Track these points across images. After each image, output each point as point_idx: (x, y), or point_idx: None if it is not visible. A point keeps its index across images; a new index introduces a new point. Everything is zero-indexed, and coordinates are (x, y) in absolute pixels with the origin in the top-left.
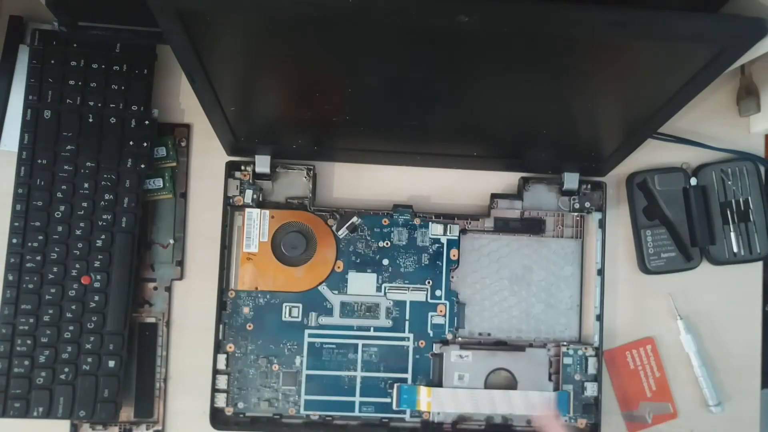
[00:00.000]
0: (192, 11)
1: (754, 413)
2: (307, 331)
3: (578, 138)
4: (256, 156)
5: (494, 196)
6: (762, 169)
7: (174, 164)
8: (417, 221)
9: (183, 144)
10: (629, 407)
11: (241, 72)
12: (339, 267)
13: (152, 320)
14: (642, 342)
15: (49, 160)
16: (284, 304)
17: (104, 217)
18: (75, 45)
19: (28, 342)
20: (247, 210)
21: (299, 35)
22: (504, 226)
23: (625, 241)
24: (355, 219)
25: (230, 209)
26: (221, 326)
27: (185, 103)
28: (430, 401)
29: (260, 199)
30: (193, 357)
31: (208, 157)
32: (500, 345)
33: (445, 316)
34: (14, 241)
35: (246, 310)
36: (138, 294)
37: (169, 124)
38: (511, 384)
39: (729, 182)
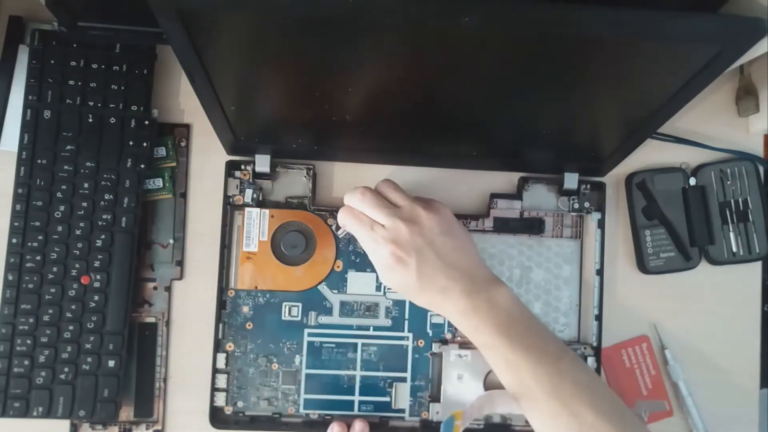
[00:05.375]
0: (192, 11)
1: (753, 413)
2: (306, 331)
3: (578, 138)
4: (256, 155)
5: (494, 196)
6: (761, 169)
7: (174, 164)
8: None
9: (183, 144)
10: None
11: (241, 71)
12: (338, 266)
13: (152, 320)
14: (637, 340)
15: (49, 160)
16: (284, 304)
17: (104, 217)
18: (75, 45)
19: (28, 342)
20: (247, 209)
21: (299, 35)
22: (503, 226)
23: (624, 241)
24: None
25: (230, 208)
26: (221, 325)
27: (185, 103)
28: (459, 424)
29: (260, 198)
30: (193, 356)
31: (207, 157)
32: None
33: None
34: (14, 241)
35: (245, 309)
36: (138, 294)
37: (169, 124)
38: None
39: (728, 182)
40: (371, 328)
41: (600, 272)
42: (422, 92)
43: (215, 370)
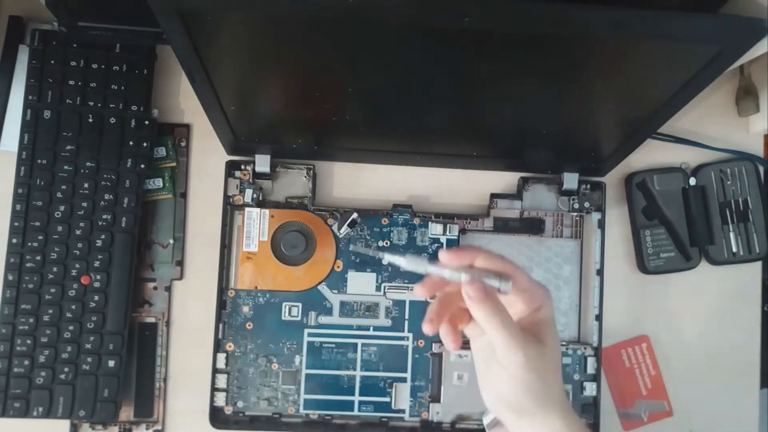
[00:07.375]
0: (192, 11)
1: (753, 413)
2: (306, 331)
3: (578, 138)
4: (256, 155)
5: (494, 196)
6: (761, 169)
7: (174, 164)
8: (416, 221)
9: (183, 144)
10: (625, 405)
11: (241, 71)
12: (338, 266)
13: (152, 320)
14: (637, 340)
15: (49, 160)
16: (284, 304)
17: (104, 217)
18: (75, 45)
19: (28, 342)
20: (247, 209)
21: (299, 35)
22: (503, 226)
23: (624, 241)
24: (355, 215)
25: (230, 208)
26: (221, 325)
27: (185, 103)
28: None
29: (260, 198)
30: (193, 356)
31: (207, 157)
32: None
33: None
34: (14, 241)
35: (245, 309)
36: (138, 294)
37: (169, 124)
38: None
39: (728, 182)
40: (371, 328)
41: (600, 272)
42: (422, 92)
43: (215, 370)
